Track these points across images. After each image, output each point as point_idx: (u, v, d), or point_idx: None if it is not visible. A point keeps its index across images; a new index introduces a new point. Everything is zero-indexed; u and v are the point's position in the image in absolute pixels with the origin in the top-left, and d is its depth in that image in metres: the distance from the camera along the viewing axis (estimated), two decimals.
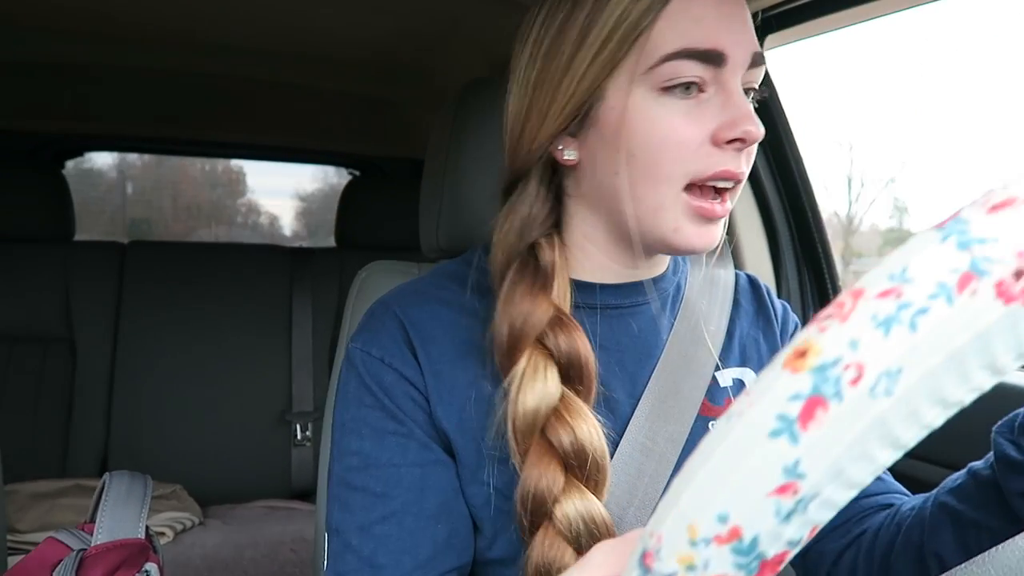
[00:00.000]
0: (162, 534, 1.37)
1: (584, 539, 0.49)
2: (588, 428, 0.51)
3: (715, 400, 0.60)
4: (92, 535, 0.75)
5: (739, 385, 0.61)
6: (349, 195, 1.91)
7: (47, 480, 1.44)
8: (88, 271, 1.65)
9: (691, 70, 0.50)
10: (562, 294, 0.55)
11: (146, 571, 0.74)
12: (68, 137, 1.79)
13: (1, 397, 1.52)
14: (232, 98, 1.70)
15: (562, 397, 0.52)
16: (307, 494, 1.68)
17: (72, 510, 1.34)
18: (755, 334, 0.64)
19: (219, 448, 1.65)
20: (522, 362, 0.52)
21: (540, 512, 0.50)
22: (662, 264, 0.62)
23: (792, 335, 0.65)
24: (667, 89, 0.51)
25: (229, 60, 1.46)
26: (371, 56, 1.39)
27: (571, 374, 0.52)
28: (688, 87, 0.51)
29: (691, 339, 0.60)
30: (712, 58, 0.50)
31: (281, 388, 1.72)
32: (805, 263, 1.14)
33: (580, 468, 0.50)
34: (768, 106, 1.11)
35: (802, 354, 0.24)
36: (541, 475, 0.50)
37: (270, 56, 1.42)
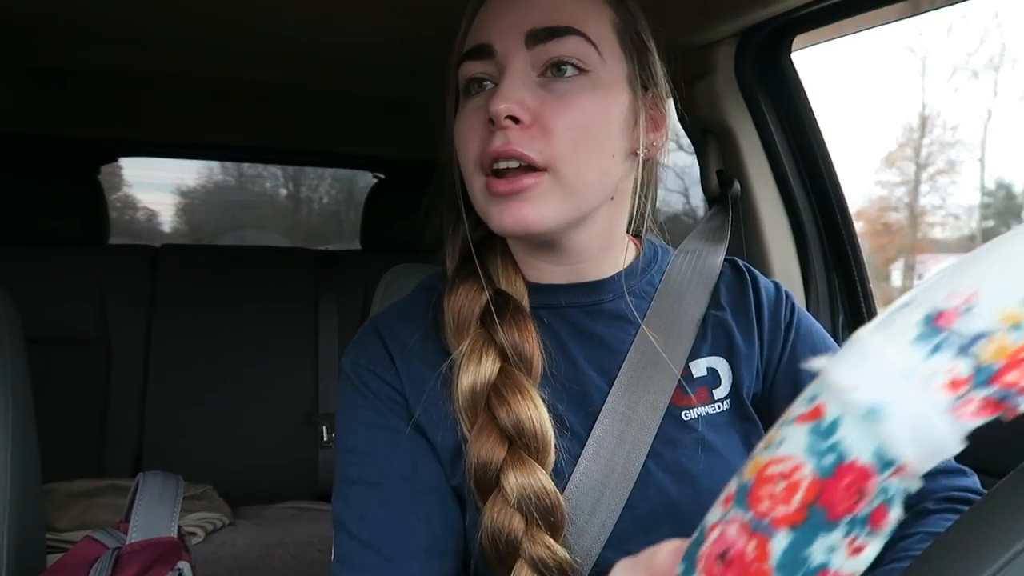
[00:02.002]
0: (193, 534, 1.39)
1: (527, 506, 0.53)
2: (525, 403, 0.54)
3: (687, 390, 0.60)
4: (127, 534, 0.77)
5: (713, 375, 0.62)
6: (374, 198, 1.92)
7: (84, 480, 1.47)
8: (122, 274, 1.68)
9: (471, 69, 0.57)
10: (515, 293, 0.60)
11: (179, 569, 0.75)
12: (104, 143, 1.84)
13: (39, 398, 1.54)
14: (262, 103, 1.72)
15: (501, 375, 0.56)
16: None
17: (108, 509, 1.37)
18: (730, 323, 0.64)
19: (247, 449, 1.67)
20: (463, 345, 0.57)
21: (486, 481, 0.54)
22: (612, 263, 0.63)
23: (790, 322, 0.65)
24: (467, 93, 0.58)
25: (259, 67, 1.48)
26: (395, 59, 1.40)
27: (511, 356, 0.56)
28: (480, 84, 0.57)
29: (666, 325, 0.61)
30: (481, 52, 0.56)
31: (308, 390, 1.74)
32: (834, 267, 1.13)
33: (521, 439, 0.54)
34: (796, 107, 1.10)
35: None
36: (482, 447, 0.54)
37: (296, 62, 1.44)
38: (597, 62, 0.55)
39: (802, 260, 1.13)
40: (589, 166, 0.55)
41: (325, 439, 1.71)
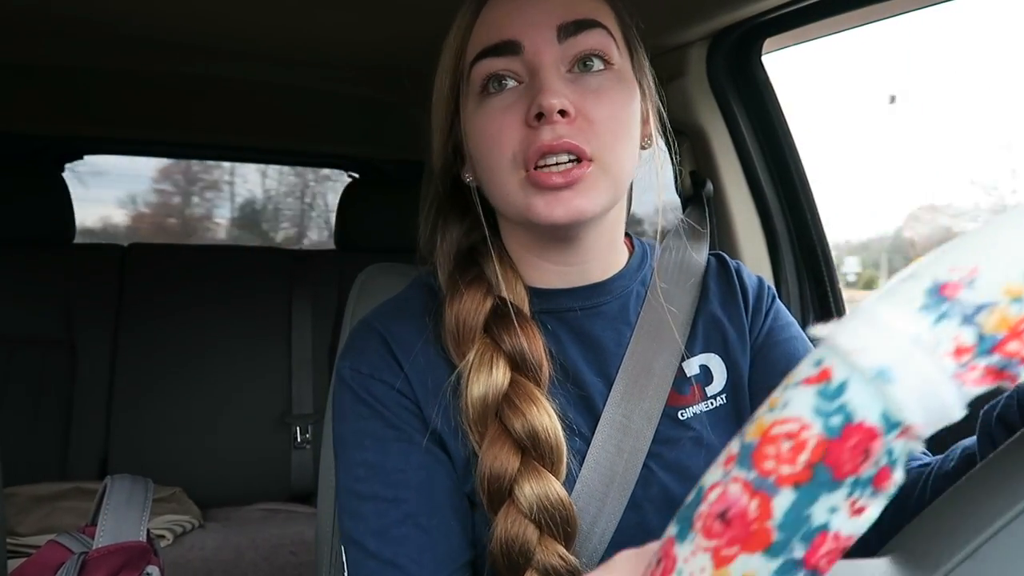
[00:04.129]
0: (162, 537, 1.37)
1: (542, 517, 0.52)
2: (539, 412, 0.54)
3: (682, 390, 0.61)
4: (93, 538, 0.76)
5: (705, 372, 0.62)
6: (348, 197, 1.91)
7: (47, 483, 1.44)
8: (88, 274, 1.65)
9: (494, 66, 0.55)
10: (516, 298, 0.59)
11: (148, 574, 0.74)
12: (69, 140, 1.79)
13: (1, 400, 1.51)
14: (232, 101, 1.70)
15: (513, 384, 0.55)
16: (307, 496, 1.68)
17: (72, 513, 1.34)
18: (720, 316, 0.64)
19: (219, 450, 1.65)
20: (470, 355, 0.56)
21: (499, 492, 0.53)
22: (614, 260, 0.63)
23: (770, 308, 0.66)
24: (485, 91, 0.56)
25: (229, 64, 1.46)
26: (371, 58, 1.39)
27: (520, 364, 0.56)
28: (501, 83, 0.55)
29: (658, 325, 0.62)
30: (506, 48, 0.55)
31: (281, 390, 1.72)
32: (805, 266, 1.15)
33: (535, 449, 0.53)
34: (766, 108, 1.11)
35: None
36: (495, 457, 0.53)
37: (270, 60, 1.42)
38: (617, 56, 0.57)
39: (773, 260, 1.15)
40: (628, 156, 0.57)
41: (299, 440, 1.69)
